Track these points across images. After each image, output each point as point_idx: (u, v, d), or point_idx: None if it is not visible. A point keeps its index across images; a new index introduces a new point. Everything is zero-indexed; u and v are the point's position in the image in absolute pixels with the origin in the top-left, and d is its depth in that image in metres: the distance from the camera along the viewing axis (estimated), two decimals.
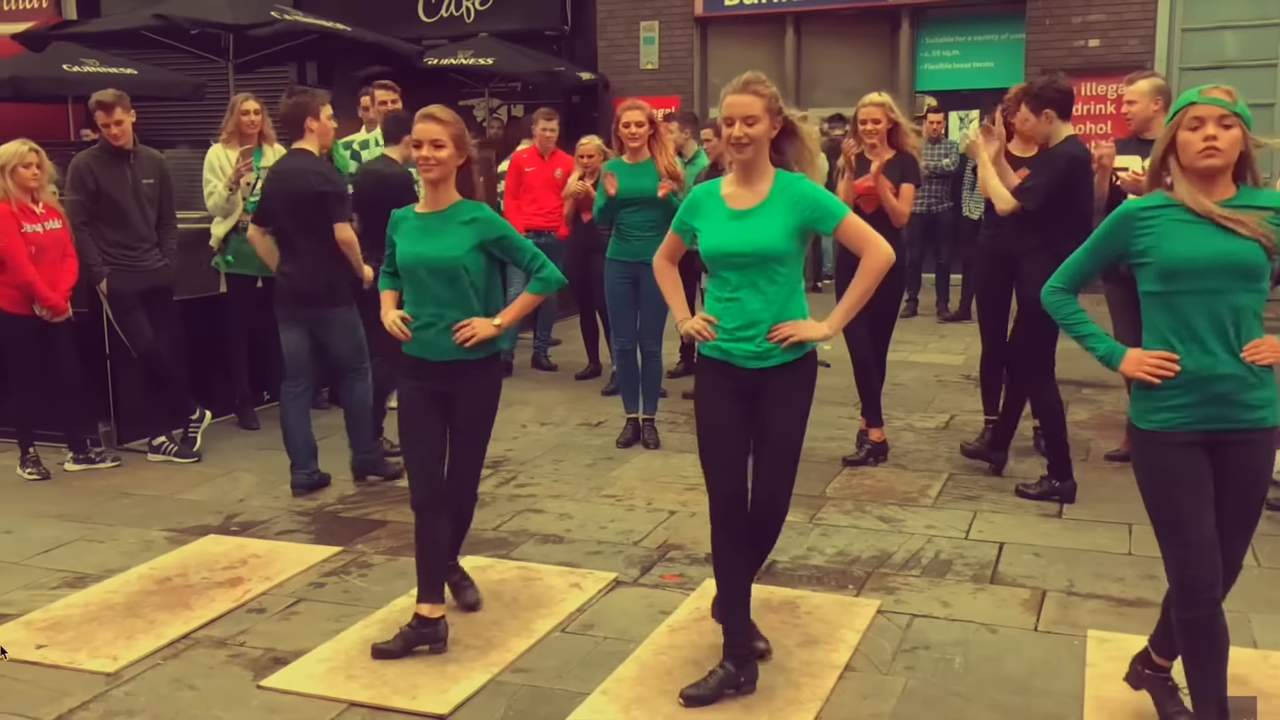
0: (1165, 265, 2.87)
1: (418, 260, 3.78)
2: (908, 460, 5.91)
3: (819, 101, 12.50)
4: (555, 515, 5.17)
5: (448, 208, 3.81)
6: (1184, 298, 2.86)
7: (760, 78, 3.41)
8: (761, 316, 3.36)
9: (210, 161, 6.55)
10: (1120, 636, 3.78)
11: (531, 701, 3.44)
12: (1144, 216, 2.93)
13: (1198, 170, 2.84)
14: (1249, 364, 2.85)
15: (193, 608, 4.14)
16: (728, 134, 3.37)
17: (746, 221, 3.38)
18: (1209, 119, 2.81)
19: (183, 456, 6.10)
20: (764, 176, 3.43)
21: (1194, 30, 11.44)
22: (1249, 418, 2.88)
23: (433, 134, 3.70)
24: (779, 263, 3.37)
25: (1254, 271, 2.84)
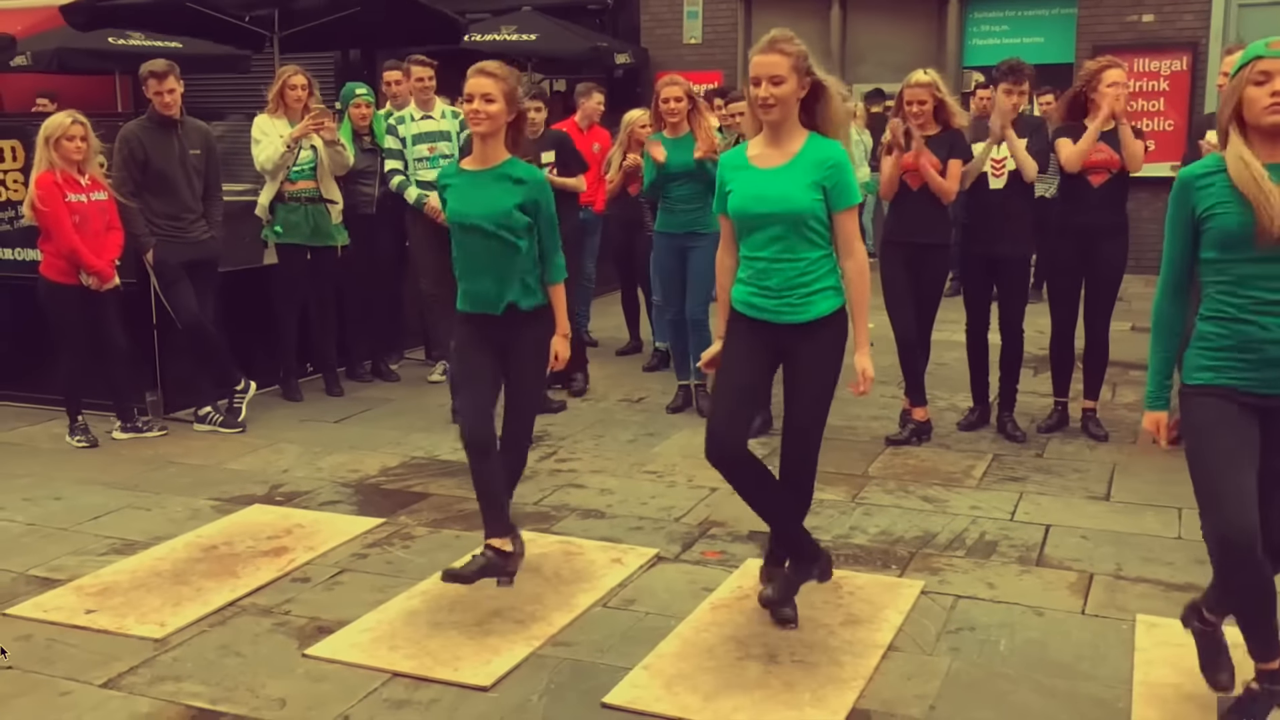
0: (1220, 234, 2.80)
1: (467, 218, 3.81)
2: (951, 440, 5.85)
3: (864, 77, 12.38)
4: (596, 490, 5.17)
5: (497, 165, 3.82)
6: (1240, 265, 2.79)
7: (788, 35, 3.36)
8: (790, 277, 3.38)
9: (253, 133, 6.54)
10: (1170, 622, 3.71)
11: (573, 675, 3.45)
12: (1201, 184, 2.85)
13: (1263, 127, 2.73)
14: None
15: (239, 576, 4.18)
16: (754, 94, 3.34)
17: (776, 178, 3.38)
18: (1277, 73, 2.70)
19: (228, 427, 6.16)
20: (794, 137, 3.41)
21: (1251, 5, 11.18)
22: None
23: (484, 88, 3.72)
24: (808, 223, 3.37)
25: None
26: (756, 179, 3.41)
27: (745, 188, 3.42)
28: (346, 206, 6.93)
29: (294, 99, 6.55)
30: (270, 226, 6.65)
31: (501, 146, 3.83)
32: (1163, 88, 11.36)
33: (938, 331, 6.02)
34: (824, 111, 3.44)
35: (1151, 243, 11.84)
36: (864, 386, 3.47)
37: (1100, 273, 5.68)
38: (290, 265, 6.72)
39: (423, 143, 6.97)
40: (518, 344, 3.88)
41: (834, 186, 3.38)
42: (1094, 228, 5.59)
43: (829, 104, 3.44)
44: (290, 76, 6.58)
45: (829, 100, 3.43)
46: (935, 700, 3.28)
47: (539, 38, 12.20)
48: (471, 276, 3.87)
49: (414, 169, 6.97)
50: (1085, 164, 5.54)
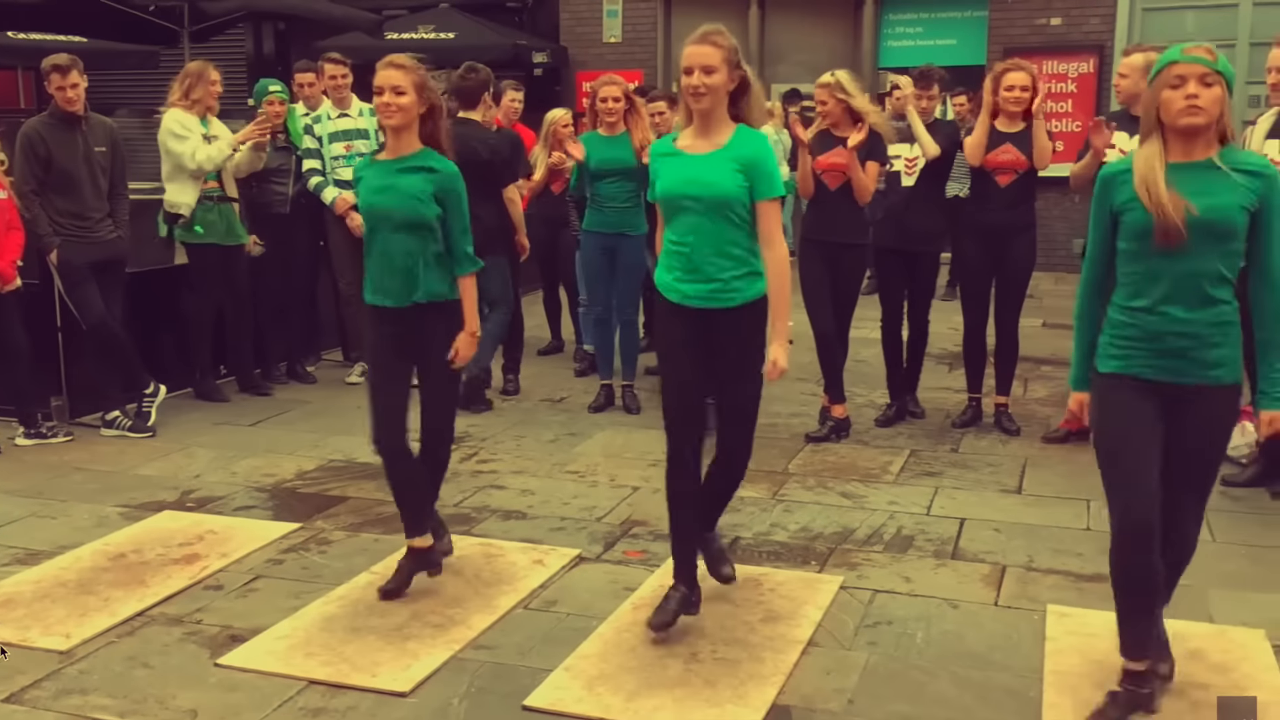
0: (1132, 227, 2.91)
1: (376, 209, 3.79)
2: (870, 437, 5.93)
3: (782, 77, 12.48)
4: (518, 491, 5.13)
5: (409, 155, 3.80)
6: (1149, 258, 2.90)
7: (720, 29, 3.47)
8: (716, 262, 3.45)
9: (171, 128, 6.34)
10: (1079, 611, 3.81)
11: (494, 678, 3.42)
12: (1119, 180, 2.96)
13: (1180, 129, 2.84)
14: (1210, 323, 2.88)
15: (148, 585, 4.08)
16: (686, 83, 3.43)
17: (703, 164, 3.46)
18: (1191, 77, 2.81)
19: (137, 431, 5.99)
20: (723, 129, 3.49)
21: (1154, 9, 11.52)
22: (1205, 374, 2.91)
23: (394, 80, 3.70)
24: (733, 208, 3.44)
25: (1221, 230, 2.84)
26: (684, 164, 3.49)
27: (673, 172, 3.50)
28: (260, 205, 6.82)
29: (215, 94, 6.46)
30: (188, 227, 6.48)
31: (415, 138, 3.81)
32: (1070, 89, 11.64)
33: (855, 329, 6.10)
34: (749, 105, 3.54)
35: (1060, 241, 12.22)
36: (774, 375, 3.52)
37: (1009, 271, 5.81)
38: (208, 265, 6.57)
39: (339, 141, 6.89)
40: (428, 339, 3.84)
41: (759, 176, 3.45)
42: (1002, 227, 5.72)
43: (753, 98, 3.54)
44: (212, 73, 6.48)
45: (753, 95, 3.54)
46: (854, 693, 3.32)
47: (457, 35, 12.10)
48: (381, 268, 3.83)
49: (331, 168, 6.89)
50: (992, 164, 5.67)
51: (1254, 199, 2.85)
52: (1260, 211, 2.86)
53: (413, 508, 3.95)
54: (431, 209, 3.77)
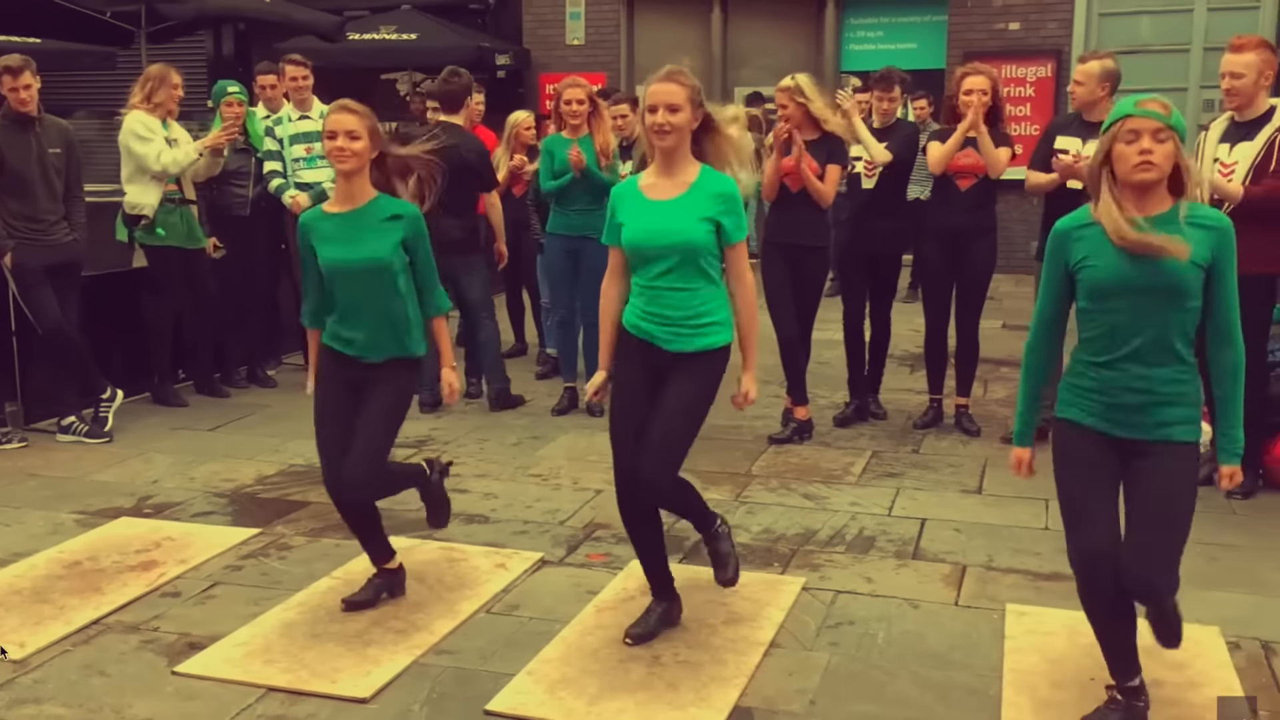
0: (1092, 284, 2.90)
1: (342, 263, 3.65)
2: (832, 438, 5.96)
3: (745, 80, 12.54)
4: (480, 495, 5.11)
5: (366, 204, 3.68)
6: (1110, 315, 2.89)
7: (684, 69, 3.45)
8: (683, 308, 3.42)
9: (134, 129, 6.27)
10: (1037, 610, 3.85)
11: (456, 683, 3.40)
12: (1075, 236, 2.95)
13: (1132, 184, 2.83)
14: (1166, 381, 2.87)
15: (104, 592, 4.02)
16: (650, 121, 3.39)
17: (669, 211, 3.41)
18: (1144, 132, 2.79)
19: (93, 437, 5.92)
20: (686, 169, 3.46)
21: (1110, 15, 11.68)
22: (1158, 434, 2.90)
23: (347, 124, 3.57)
24: (701, 256, 3.40)
25: (1180, 291, 2.83)
26: (649, 211, 3.43)
27: (638, 220, 3.44)
28: (220, 208, 6.77)
29: (179, 97, 6.43)
30: (150, 229, 6.40)
31: (367, 183, 3.68)
32: (1029, 94, 11.77)
33: (818, 331, 6.14)
34: (714, 145, 3.51)
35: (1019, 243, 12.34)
36: (743, 404, 3.57)
37: (969, 274, 5.87)
38: (169, 268, 6.50)
39: (300, 143, 6.85)
40: (381, 385, 3.72)
41: (727, 221, 3.43)
42: (962, 230, 5.79)
43: (720, 140, 3.50)
44: (174, 76, 6.43)
45: (719, 134, 3.50)
46: (815, 694, 3.33)
47: (419, 37, 12.05)
48: (347, 322, 3.70)
49: (292, 170, 6.85)
50: (953, 169, 5.73)
51: (1208, 255, 2.84)
52: (1214, 266, 2.85)
53: (369, 539, 3.90)
54: (401, 258, 3.67)
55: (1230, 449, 2.99)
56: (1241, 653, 3.57)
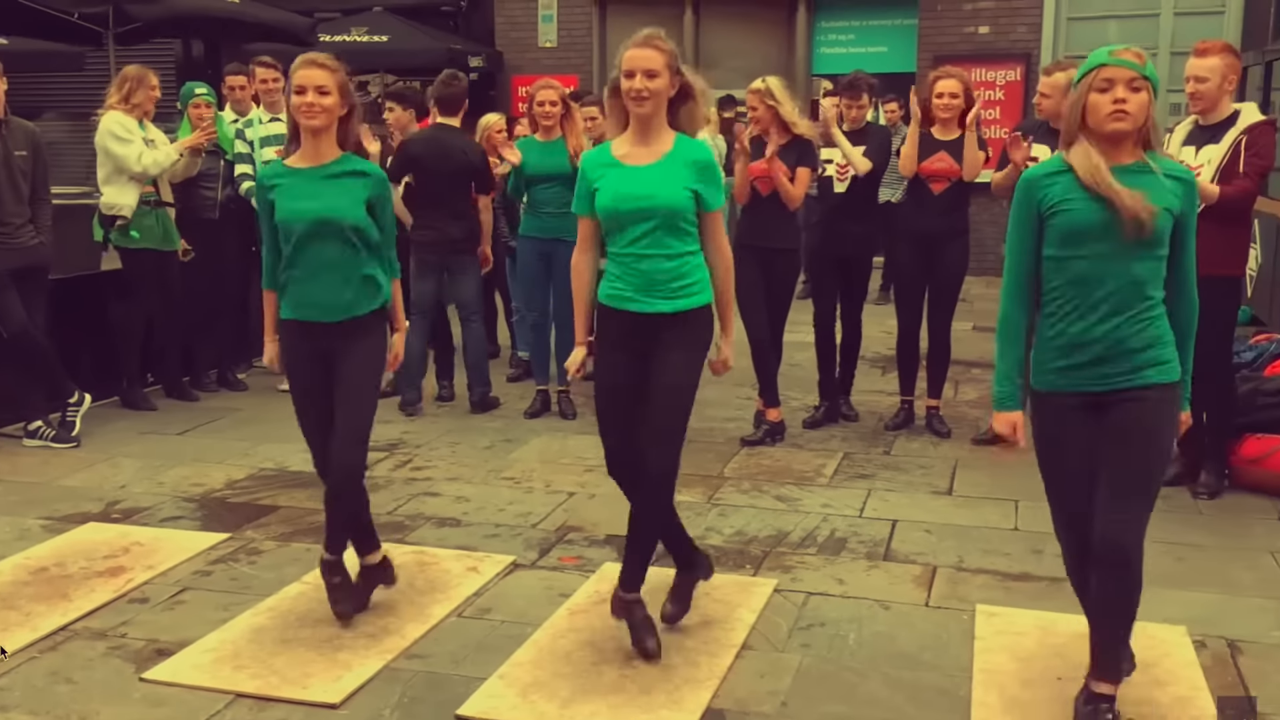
0: (1063, 230, 2.86)
1: (307, 217, 3.57)
2: (804, 440, 5.98)
3: (717, 83, 12.52)
4: (452, 498, 5.10)
5: (332, 161, 3.64)
6: (1079, 262, 2.86)
7: (661, 34, 3.41)
8: (660, 272, 3.40)
9: (113, 130, 6.20)
10: (1007, 610, 3.88)
11: (427, 688, 3.39)
12: (1045, 182, 2.91)
13: (1105, 133, 2.80)
14: (1138, 329, 2.85)
15: (71, 599, 3.98)
16: (628, 86, 3.33)
17: (646, 176, 3.39)
18: (1119, 81, 2.77)
19: (60, 441, 5.86)
20: (662, 137, 3.43)
21: (1079, 19, 11.79)
22: (1135, 379, 2.87)
23: (317, 79, 3.52)
24: (681, 219, 3.39)
25: (1154, 239, 2.81)
26: (627, 176, 3.40)
27: (615, 185, 3.39)
28: (188, 210, 6.72)
29: (156, 98, 6.41)
30: (125, 230, 6.34)
31: (334, 141, 3.63)
32: (998, 97, 11.86)
33: (790, 333, 6.16)
34: (690, 113, 3.48)
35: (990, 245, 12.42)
36: (721, 370, 3.61)
37: (942, 276, 5.91)
38: (144, 271, 6.45)
39: (271, 145, 6.79)
40: (350, 352, 3.64)
41: (707, 188, 3.42)
42: (935, 233, 5.83)
43: (696, 106, 3.48)
44: (152, 77, 6.40)
45: (696, 102, 3.48)
46: (787, 696, 3.34)
47: (391, 39, 12.00)
48: (308, 282, 3.62)
49: None
50: (927, 172, 5.77)
51: (1178, 205, 2.84)
52: (1181, 218, 2.86)
53: (366, 528, 3.87)
54: (364, 215, 3.63)
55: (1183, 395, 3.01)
56: (1208, 651, 3.61)
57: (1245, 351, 6.00)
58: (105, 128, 6.22)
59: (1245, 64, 8.45)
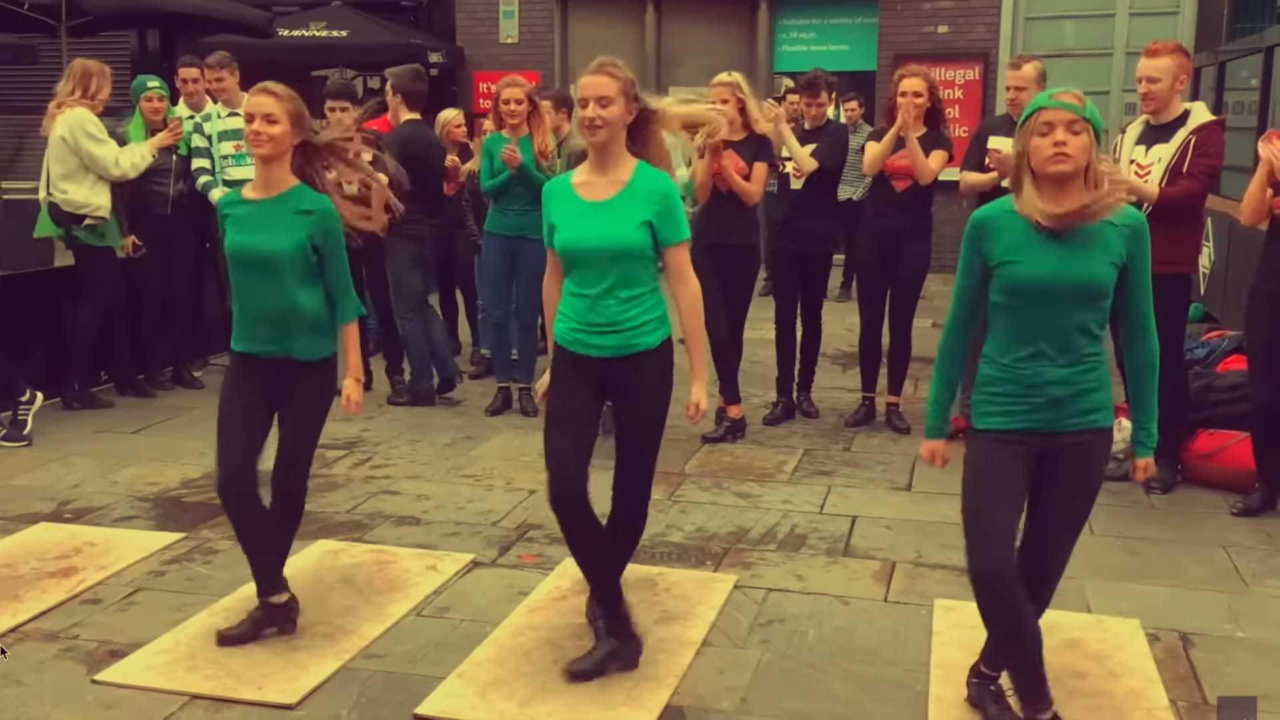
0: (1008, 282, 2.88)
1: (245, 251, 3.50)
2: (765, 437, 6.00)
3: (680, 80, 12.55)
4: (412, 496, 5.07)
5: (281, 194, 3.52)
6: (1024, 312, 2.88)
7: (615, 61, 3.33)
8: (616, 313, 3.29)
9: (87, 129, 6.08)
10: (965, 605, 3.87)
11: (384, 688, 3.36)
12: (996, 226, 2.92)
13: (1049, 176, 2.81)
14: (1084, 371, 2.88)
15: (21, 600, 3.92)
16: (581, 115, 3.27)
17: (603, 215, 3.29)
18: (1058, 124, 2.78)
19: (11, 440, 5.76)
20: (621, 165, 3.33)
21: (1036, 19, 11.90)
22: (1080, 422, 2.91)
23: (265, 107, 3.43)
24: (636, 259, 3.29)
25: (1095, 291, 2.84)
26: (583, 214, 3.30)
27: (571, 223, 3.31)
28: (139, 206, 6.62)
29: (109, 95, 6.33)
30: (96, 230, 6.23)
31: (287, 171, 3.52)
32: (957, 96, 11.94)
33: (751, 330, 6.18)
34: (652, 140, 3.38)
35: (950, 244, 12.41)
36: (696, 417, 3.44)
37: (903, 274, 5.95)
38: (104, 268, 6.34)
39: (229, 140, 6.73)
40: (293, 397, 3.55)
41: (664, 221, 3.30)
42: (897, 231, 5.86)
43: (656, 133, 3.38)
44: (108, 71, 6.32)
45: (656, 130, 3.37)
46: (746, 692, 3.35)
47: (350, 34, 11.90)
48: (250, 317, 3.54)
49: (221, 167, 6.74)
50: (889, 170, 5.80)
51: (1123, 253, 2.86)
52: (1129, 263, 2.87)
53: (263, 561, 3.63)
54: (304, 254, 3.49)
55: (1145, 442, 3.04)
56: (1160, 644, 3.65)
57: (1198, 348, 6.09)
58: (77, 124, 6.08)
59: (1198, 64, 8.60)
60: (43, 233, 6.31)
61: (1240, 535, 4.59)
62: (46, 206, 6.20)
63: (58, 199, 6.16)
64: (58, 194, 6.15)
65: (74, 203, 6.17)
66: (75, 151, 6.10)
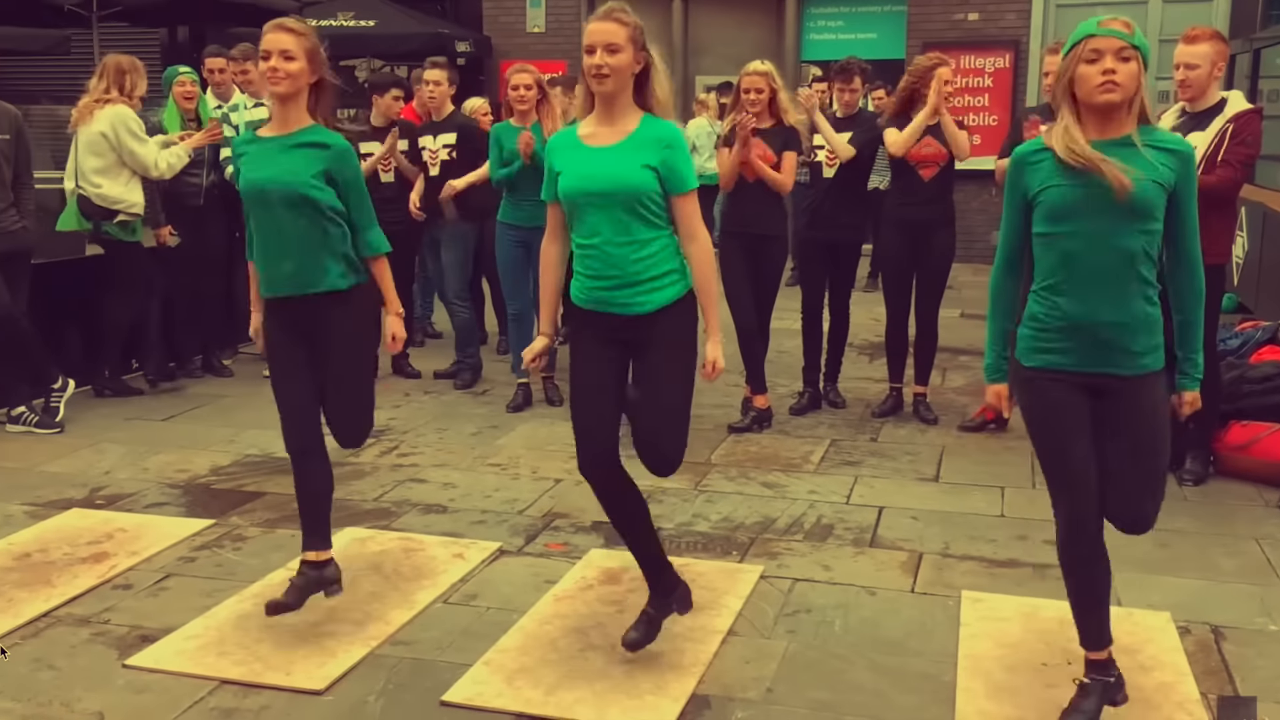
0: (1049, 209, 2.81)
1: (260, 186, 3.45)
2: (791, 427, 5.98)
3: (707, 69, 12.53)
4: (439, 485, 5.09)
5: (297, 130, 3.50)
6: (1069, 240, 2.80)
7: (624, 6, 3.22)
8: (630, 264, 3.20)
9: (130, 127, 6.12)
10: (992, 596, 3.88)
11: (412, 674, 3.38)
12: (1032, 161, 2.87)
13: (1095, 105, 2.74)
14: (1134, 309, 2.80)
15: (54, 584, 3.96)
16: (588, 63, 3.15)
17: (608, 157, 3.20)
18: (1107, 51, 2.71)
19: (44, 427, 5.82)
20: (628, 116, 3.24)
21: (1068, 6, 11.77)
22: (1131, 365, 2.83)
23: (282, 44, 3.38)
24: (643, 202, 3.18)
25: (1140, 211, 2.75)
26: (587, 157, 3.23)
27: (575, 167, 3.23)
28: (174, 197, 6.68)
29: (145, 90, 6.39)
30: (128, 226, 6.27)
31: (303, 110, 3.48)
32: (987, 84, 11.85)
33: (777, 320, 6.16)
34: (655, 90, 3.28)
35: (979, 233, 12.44)
36: (713, 375, 3.31)
37: (930, 263, 5.91)
38: (139, 263, 6.39)
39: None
40: (331, 330, 3.51)
41: (670, 169, 3.20)
42: (924, 220, 5.82)
43: (654, 83, 3.27)
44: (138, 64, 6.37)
45: (654, 79, 3.27)
46: (772, 682, 3.34)
47: (378, 23, 11.93)
48: (272, 257, 3.50)
49: None
50: (915, 158, 5.75)
51: (1171, 178, 2.78)
52: (1176, 191, 2.79)
53: (315, 516, 3.64)
54: (323, 190, 3.46)
55: (1192, 373, 2.97)
56: (1192, 637, 3.62)
57: (1231, 339, 6.02)
58: (119, 122, 6.09)
59: (1233, 52, 8.47)
60: (66, 226, 6.34)
61: (1273, 528, 4.54)
62: (75, 199, 6.24)
63: (90, 193, 6.18)
64: (90, 188, 6.17)
65: (108, 198, 6.19)
66: (115, 148, 6.12)
